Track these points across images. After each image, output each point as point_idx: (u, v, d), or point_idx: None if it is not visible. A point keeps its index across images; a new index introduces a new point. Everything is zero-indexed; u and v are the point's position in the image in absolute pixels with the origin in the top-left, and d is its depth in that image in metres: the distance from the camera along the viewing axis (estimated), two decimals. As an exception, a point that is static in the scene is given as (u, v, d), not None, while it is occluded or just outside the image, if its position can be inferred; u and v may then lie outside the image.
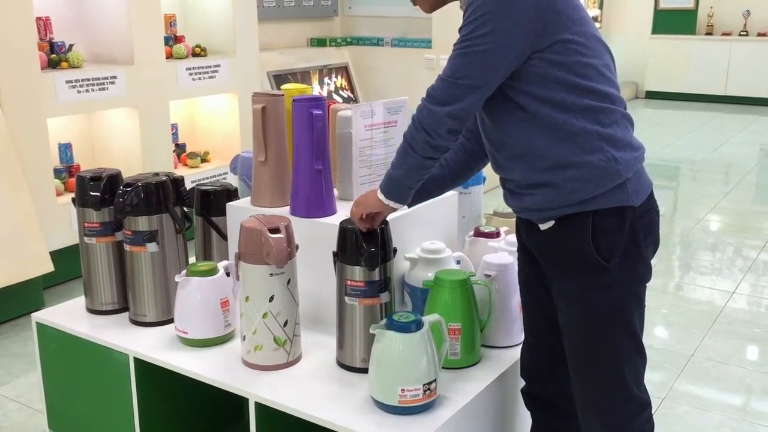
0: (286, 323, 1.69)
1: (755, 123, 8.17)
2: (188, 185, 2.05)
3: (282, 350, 1.70)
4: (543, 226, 1.51)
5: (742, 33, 9.40)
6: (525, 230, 1.58)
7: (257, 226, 1.64)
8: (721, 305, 3.46)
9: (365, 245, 1.59)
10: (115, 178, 1.93)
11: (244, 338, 1.71)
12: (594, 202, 1.42)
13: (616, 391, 1.50)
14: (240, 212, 1.95)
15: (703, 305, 3.48)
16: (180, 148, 4.27)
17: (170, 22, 4.08)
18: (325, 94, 5.31)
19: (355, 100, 5.51)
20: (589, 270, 1.45)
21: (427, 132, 1.44)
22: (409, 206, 1.68)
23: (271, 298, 1.67)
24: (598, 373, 1.50)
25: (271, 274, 1.66)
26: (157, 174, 1.93)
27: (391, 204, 1.57)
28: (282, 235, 1.63)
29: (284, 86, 2.05)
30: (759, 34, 9.40)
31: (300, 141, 1.83)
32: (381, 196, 1.56)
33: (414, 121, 1.47)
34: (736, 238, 4.63)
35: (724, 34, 9.47)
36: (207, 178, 4.06)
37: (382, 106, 1.86)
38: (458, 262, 1.88)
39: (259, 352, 1.69)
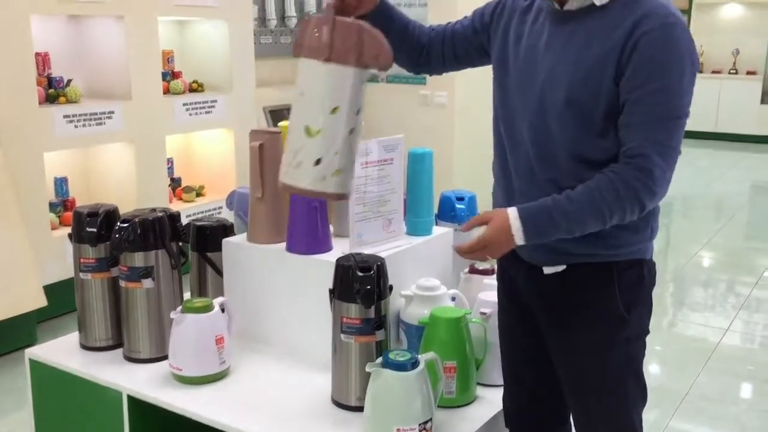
0: (337, 153, 1.46)
1: (745, 159, 8.26)
2: (183, 219, 2.05)
3: (349, 176, 1.50)
4: (548, 270, 1.47)
5: (731, 71, 9.55)
6: (525, 278, 1.52)
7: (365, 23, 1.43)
8: (714, 342, 3.46)
9: (361, 282, 1.60)
10: (112, 214, 1.94)
11: (318, 162, 1.44)
12: (619, 255, 1.42)
13: None
14: (236, 248, 1.96)
15: (697, 342, 3.48)
16: (175, 182, 4.28)
17: (168, 58, 4.12)
18: (320, 129, 5.35)
19: (350, 135, 5.55)
20: (610, 322, 1.44)
21: (641, 213, 1.34)
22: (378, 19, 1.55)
23: (359, 111, 1.46)
24: (607, 423, 1.49)
25: (364, 82, 1.45)
26: (153, 210, 1.93)
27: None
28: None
29: (281, 123, 2.07)
30: (748, 72, 9.55)
31: (297, 178, 1.85)
32: (522, 241, 1.36)
33: (628, 198, 1.30)
34: (729, 274, 4.65)
35: (714, 72, 9.62)
36: (202, 212, 4.08)
37: (378, 144, 1.88)
38: (453, 299, 1.88)
39: (337, 178, 1.46)
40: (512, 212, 1.36)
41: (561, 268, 1.47)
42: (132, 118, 3.69)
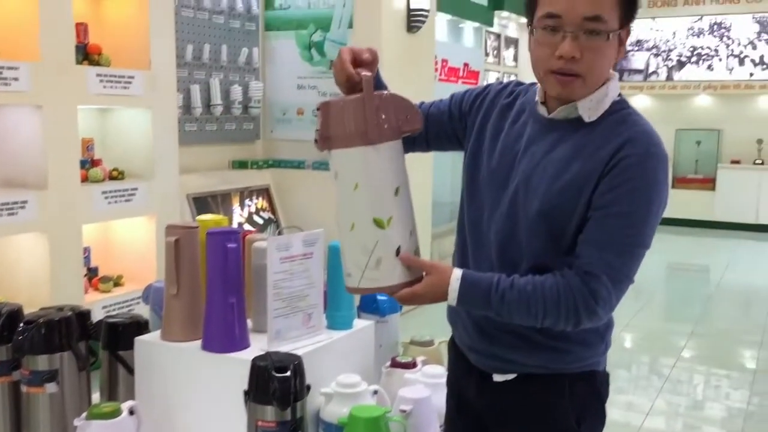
0: (411, 232, 1.38)
1: (659, 242, 8.58)
2: (98, 311, 1.98)
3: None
4: (498, 378, 1.46)
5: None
6: (476, 387, 1.50)
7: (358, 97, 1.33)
8: (637, 425, 3.50)
9: (277, 383, 1.55)
10: (15, 314, 1.84)
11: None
12: (571, 367, 1.42)
13: None
14: (148, 347, 1.88)
15: (621, 427, 3.51)
16: (92, 272, 4.14)
17: (88, 145, 4.05)
18: (245, 215, 5.32)
19: (276, 221, 5.53)
20: None
21: (575, 327, 1.33)
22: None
23: (396, 191, 1.35)
24: None
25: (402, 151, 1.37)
26: (61, 308, 1.85)
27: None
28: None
29: (199, 217, 2.04)
30: (658, 159, 10.06)
31: (213, 274, 1.81)
32: (453, 303, 1.36)
33: (567, 310, 1.30)
34: (650, 356, 4.76)
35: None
36: (118, 303, 3.93)
37: (298, 238, 1.87)
38: (375, 392, 1.85)
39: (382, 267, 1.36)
40: (456, 273, 1.34)
41: (511, 376, 1.45)
42: (47, 208, 3.57)
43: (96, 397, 1.96)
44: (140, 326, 2.02)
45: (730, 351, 4.89)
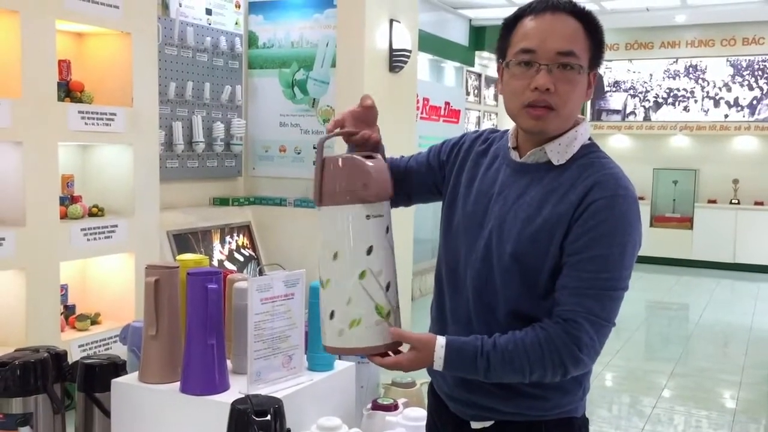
0: (388, 287, 1.36)
1: (639, 280, 8.65)
2: (75, 350, 1.94)
3: (385, 324, 1.37)
4: (476, 425, 1.45)
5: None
6: None
7: (348, 155, 1.39)
8: (620, 468, 3.48)
9: (257, 427, 1.53)
10: (-11, 356, 1.81)
11: (332, 315, 1.40)
12: (549, 414, 1.42)
13: None
14: (125, 389, 1.85)
15: (603, 468, 3.49)
16: (69, 310, 4.08)
17: (67, 182, 4.03)
18: (226, 253, 5.29)
19: (257, 259, 5.50)
20: None
21: (564, 376, 1.33)
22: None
23: (370, 250, 1.36)
24: None
25: (368, 216, 1.35)
26: (36, 350, 1.82)
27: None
28: (380, 163, 1.37)
29: (180, 257, 2.03)
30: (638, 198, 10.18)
31: (193, 315, 1.79)
32: (439, 368, 1.36)
33: (552, 361, 1.30)
34: (630, 396, 4.75)
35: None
36: (96, 342, 3.87)
37: (279, 279, 1.86)
38: (356, 436, 1.83)
39: (357, 329, 1.37)
40: (440, 341, 1.35)
41: (489, 423, 1.45)
42: (25, 245, 3.53)
43: (71, 440, 1.92)
44: (117, 367, 1.99)
45: (711, 391, 4.90)
